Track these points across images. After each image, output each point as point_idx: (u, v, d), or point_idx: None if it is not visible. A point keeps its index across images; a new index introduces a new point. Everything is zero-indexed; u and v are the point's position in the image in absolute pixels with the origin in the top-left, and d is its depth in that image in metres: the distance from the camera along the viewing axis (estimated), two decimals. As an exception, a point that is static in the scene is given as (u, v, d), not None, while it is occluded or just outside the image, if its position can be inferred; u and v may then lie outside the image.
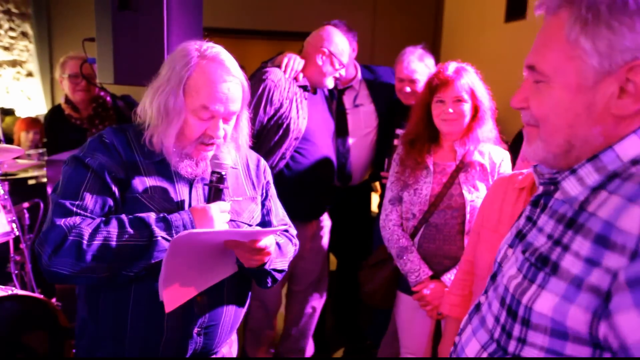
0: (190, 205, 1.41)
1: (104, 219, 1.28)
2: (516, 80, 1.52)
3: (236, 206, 1.47)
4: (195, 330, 1.39)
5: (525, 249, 0.87)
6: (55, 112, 3.31)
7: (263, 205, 1.60)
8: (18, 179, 3.06)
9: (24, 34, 5.11)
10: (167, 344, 1.37)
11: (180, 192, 1.40)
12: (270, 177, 1.66)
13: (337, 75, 2.65)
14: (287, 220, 1.68)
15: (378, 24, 5.19)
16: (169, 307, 1.26)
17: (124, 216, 1.29)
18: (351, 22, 2.98)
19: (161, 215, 1.32)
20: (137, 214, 1.31)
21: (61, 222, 1.24)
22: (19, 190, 2.78)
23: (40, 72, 5.23)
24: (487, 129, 2.00)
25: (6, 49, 4.92)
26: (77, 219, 1.26)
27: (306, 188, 2.64)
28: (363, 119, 2.93)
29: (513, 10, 3.89)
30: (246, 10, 5.53)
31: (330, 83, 2.64)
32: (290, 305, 2.93)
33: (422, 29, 5.34)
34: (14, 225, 2.34)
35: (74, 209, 1.27)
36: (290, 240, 1.62)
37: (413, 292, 2.03)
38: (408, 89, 2.69)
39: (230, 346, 1.60)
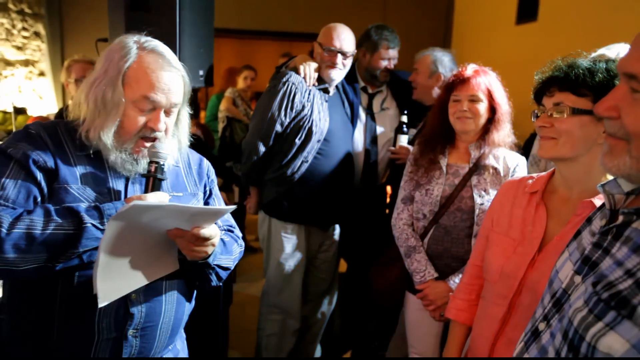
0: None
1: (27, 209, 1.19)
2: (527, 83, 1.52)
3: (176, 202, 1.38)
4: (131, 331, 1.30)
5: (598, 280, 0.79)
6: (64, 113, 3.33)
7: (207, 204, 1.54)
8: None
9: (37, 34, 5.16)
10: (100, 346, 1.28)
11: (115, 185, 1.32)
12: (214, 176, 1.61)
13: (339, 66, 2.61)
14: (232, 221, 1.61)
15: (388, 25, 5.19)
16: (102, 301, 1.17)
17: (50, 205, 1.20)
18: (360, 24, 3.00)
19: (93, 204, 1.23)
20: (65, 205, 1.21)
21: None
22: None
23: (52, 72, 5.28)
24: (504, 133, 1.98)
25: (19, 48, 4.97)
26: None
27: (327, 192, 2.66)
28: (389, 122, 2.99)
29: (524, 12, 3.87)
30: (255, 11, 5.55)
31: (334, 75, 2.62)
32: (301, 312, 2.93)
33: (432, 31, 5.33)
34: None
35: None
36: (236, 240, 1.54)
37: (418, 292, 2.03)
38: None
39: (175, 355, 1.51)
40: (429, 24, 5.40)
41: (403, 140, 2.70)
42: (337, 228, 2.91)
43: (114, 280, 1.19)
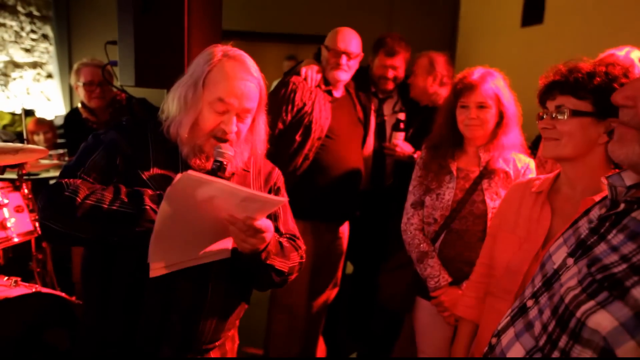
0: None
1: (104, 186, 1.33)
2: (532, 86, 1.53)
3: None
4: (174, 315, 1.37)
5: (592, 263, 0.81)
6: (73, 115, 3.38)
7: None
8: (40, 179, 3.12)
9: (45, 36, 5.21)
10: (146, 325, 1.37)
11: None
12: (281, 184, 1.65)
13: (344, 67, 2.65)
14: (297, 232, 1.64)
15: (394, 28, 5.19)
16: (154, 272, 1.26)
17: (121, 186, 1.33)
18: (367, 27, 3.02)
19: (158, 192, 1.32)
20: (135, 188, 1.34)
21: (63, 180, 1.31)
22: (41, 190, 2.84)
23: (60, 74, 5.32)
24: (513, 136, 1.99)
25: (27, 50, 5.02)
26: (78, 181, 1.32)
27: (332, 187, 2.69)
28: None
29: (530, 15, 3.87)
30: (261, 13, 5.57)
31: (339, 76, 2.67)
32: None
33: (438, 34, 5.33)
34: (37, 224, 2.39)
35: (79, 173, 1.35)
36: (297, 249, 1.56)
37: (432, 298, 2.03)
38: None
39: (223, 354, 1.55)
40: (434, 27, 5.40)
41: (398, 137, 2.74)
42: (347, 228, 2.91)
43: (167, 254, 1.27)
